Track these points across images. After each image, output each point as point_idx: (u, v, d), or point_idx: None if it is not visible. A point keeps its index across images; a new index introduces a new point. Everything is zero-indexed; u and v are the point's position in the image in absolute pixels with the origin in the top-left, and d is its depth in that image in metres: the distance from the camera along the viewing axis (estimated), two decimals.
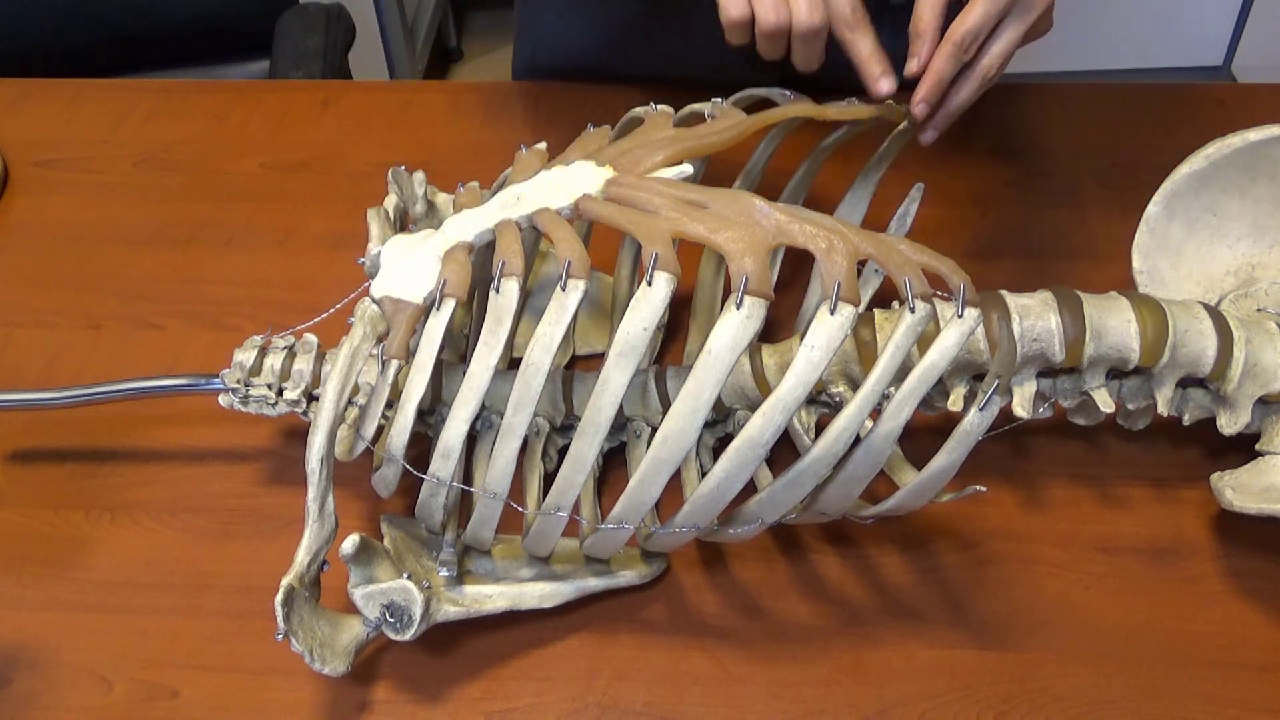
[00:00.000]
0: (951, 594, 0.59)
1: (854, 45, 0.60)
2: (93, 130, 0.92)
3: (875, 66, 0.60)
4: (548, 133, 0.89)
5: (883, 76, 0.60)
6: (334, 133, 0.91)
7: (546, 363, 0.50)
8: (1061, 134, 0.87)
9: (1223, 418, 0.59)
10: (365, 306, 0.54)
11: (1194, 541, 0.61)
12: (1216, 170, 0.63)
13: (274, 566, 0.55)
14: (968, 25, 0.59)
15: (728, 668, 0.57)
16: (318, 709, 0.56)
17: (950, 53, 0.60)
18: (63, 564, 0.62)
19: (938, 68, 0.60)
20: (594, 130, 0.61)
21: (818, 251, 0.49)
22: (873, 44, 0.60)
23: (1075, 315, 0.56)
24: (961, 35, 0.59)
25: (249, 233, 0.82)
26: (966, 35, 0.59)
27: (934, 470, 0.51)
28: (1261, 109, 0.89)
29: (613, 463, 0.65)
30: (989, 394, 0.49)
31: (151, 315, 0.76)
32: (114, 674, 0.57)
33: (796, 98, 0.62)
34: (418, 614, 0.52)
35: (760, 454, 0.49)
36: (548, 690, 0.56)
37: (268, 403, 0.61)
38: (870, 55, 0.60)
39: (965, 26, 0.59)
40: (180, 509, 0.64)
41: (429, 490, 0.54)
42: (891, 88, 0.60)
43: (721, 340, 0.48)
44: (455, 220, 0.56)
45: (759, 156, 0.66)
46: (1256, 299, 0.62)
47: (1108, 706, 0.55)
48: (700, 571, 0.61)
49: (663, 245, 0.49)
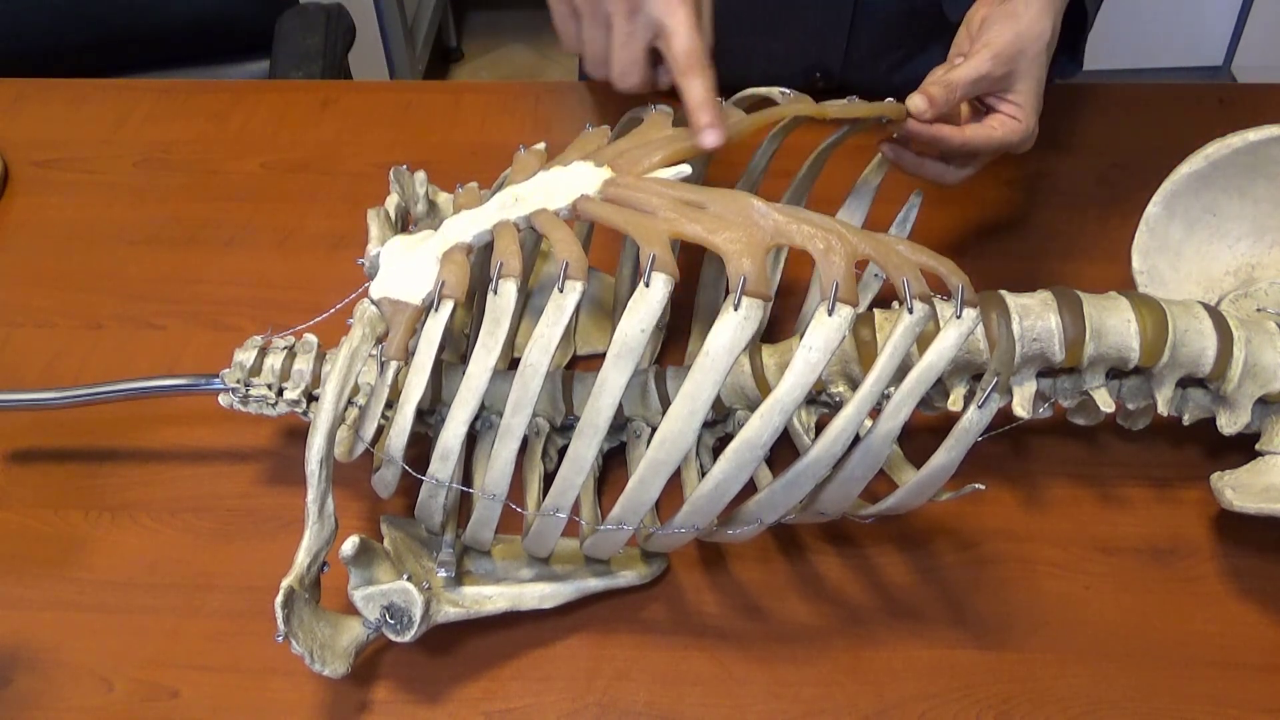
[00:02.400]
0: (951, 594, 0.59)
1: (685, 90, 0.55)
2: (93, 130, 0.92)
3: (703, 115, 0.55)
4: (547, 133, 0.89)
5: (709, 128, 0.55)
6: (334, 133, 0.91)
7: (545, 364, 0.50)
8: (1061, 134, 0.87)
9: (1223, 418, 0.59)
10: (364, 307, 0.54)
11: (1194, 541, 0.61)
12: (1216, 170, 0.63)
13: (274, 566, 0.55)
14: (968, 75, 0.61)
15: (728, 668, 0.57)
16: (318, 709, 0.56)
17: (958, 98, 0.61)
18: (63, 564, 0.62)
19: (950, 97, 0.61)
20: (593, 130, 0.61)
21: (815, 252, 0.49)
22: (704, 90, 0.55)
23: (1075, 315, 0.56)
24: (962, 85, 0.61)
25: (249, 233, 0.82)
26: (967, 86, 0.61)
27: (933, 468, 0.51)
28: (1261, 109, 0.89)
29: (613, 463, 0.65)
30: (988, 391, 0.49)
31: (151, 315, 0.76)
32: (114, 674, 0.57)
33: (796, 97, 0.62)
34: (418, 615, 0.52)
35: (759, 455, 0.49)
36: (548, 690, 0.56)
37: (268, 403, 0.61)
38: (700, 103, 0.55)
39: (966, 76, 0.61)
40: (180, 509, 0.64)
41: (428, 491, 0.54)
42: (717, 141, 0.55)
43: (719, 341, 0.48)
44: (454, 221, 0.56)
45: (760, 157, 0.66)
46: (1256, 299, 0.62)
47: (1108, 706, 0.55)
48: (700, 571, 0.61)
49: (660, 246, 0.49)
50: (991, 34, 0.62)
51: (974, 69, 0.61)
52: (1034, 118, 0.63)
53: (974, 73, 0.61)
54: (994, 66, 0.61)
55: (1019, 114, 0.62)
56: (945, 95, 0.61)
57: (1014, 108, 0.63)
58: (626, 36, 0.56)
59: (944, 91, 0.60)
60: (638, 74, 0.58)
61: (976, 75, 0.61)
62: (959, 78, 0.61)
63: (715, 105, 0.55)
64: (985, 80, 0.62)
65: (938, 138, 0.62)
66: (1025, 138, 0.63)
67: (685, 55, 0.55)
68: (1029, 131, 0.63)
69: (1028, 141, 0.63)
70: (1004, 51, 0.61)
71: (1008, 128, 0.62)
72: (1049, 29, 0.62)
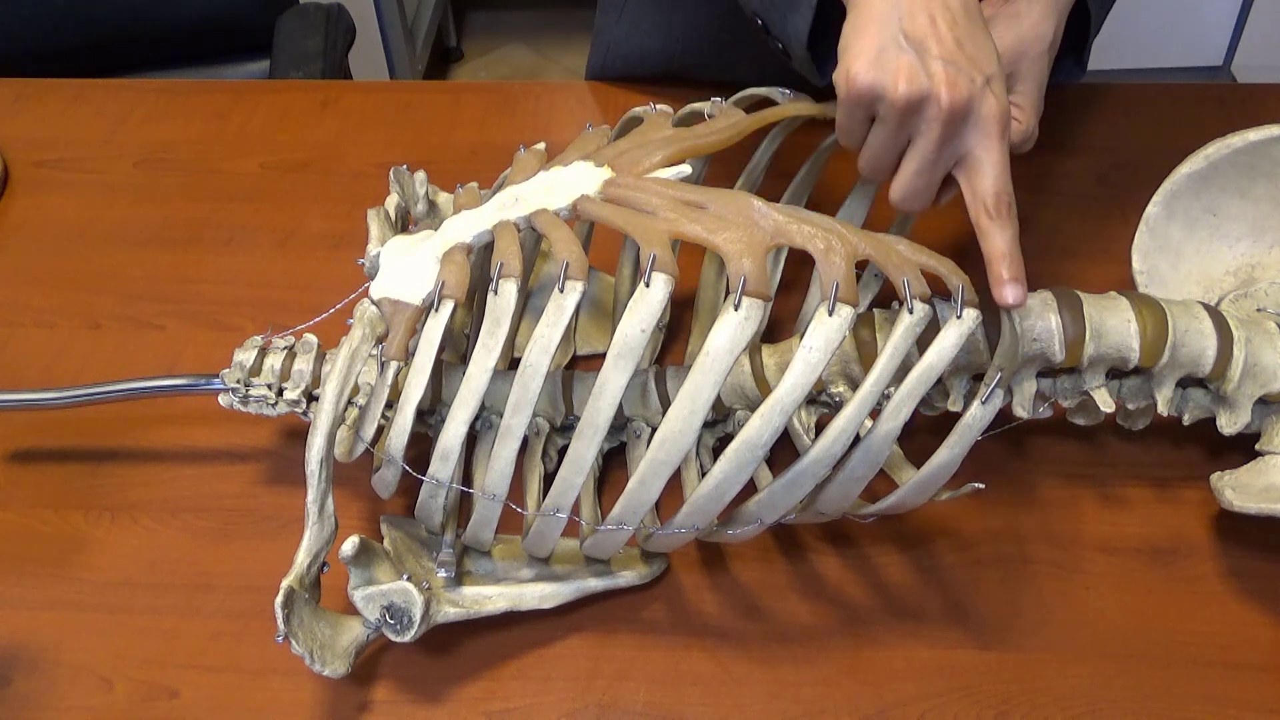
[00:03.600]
0: (951, 594, 0.59)
1: (988, 236, 0.52)
2: (93, 130, 0.92)
3: (1006, 269, 0.51)
4: (547, 133, 0.89)
5: (1011, 283, 0.51)
6: (334, 133, 0.91)
7: (545, 364, 0.50)
8: (1061, 134, 0.87)
9: (1223, 418, 0.59)
10: (364, 308, 0.54)
11: (1194, 541, 0.61)
12: (1216, 170, 0.63)
13: (274, 566, 0.55)
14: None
15: (728, 668, 0.57)
16: (318, 709, 0.56)
17: None
18: (63, 564, 0.62)
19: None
20: (593, 130, 0.61)
21: (815, 252, 0.49)
22: (1009, 242, 0.51)
23: (1075, 315, 0.56)
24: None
25: (249, 233, 0.82)
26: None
27: (935, 466, 0.51)
28: (1261, 109, 0.89)
29: (613, 463, 0.65)
30: (991, 387, 0.49)
31: (151, 315, 0.76)
32: (114, 674, 0.57)
33: (797, 96, 0.62)
34: (418, 615, 0.52)
35: (759, 455, 0.49)
36: (548, 690, 0.56)
37: (268, 403, 0.61)
38: (1003, 255, 0.51)
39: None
40: (180, 509, 0.64)
41: (428, 491, 0.54)
42: (1018, 301, 0.51)
43: (719, 341, 0.48)
44: (454, 221, 0.56)
45: (760, 156, 0.66)
46: (1256, 299, 0.62)
47: (1108, 706, 0.55)
48: (700, 571, 0.61)
49: (660, 246, 0.49)
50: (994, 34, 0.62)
51: None
52: (1035, 118, 0.63)
53: None
54: None
55: (1020, 115, 0.62)
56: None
57: (1015, 109, 0.63)
58: (930, 162, 0.52)
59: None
60: (927, 200, 0.54)
61: None
62: None
63: (1019, 259, 0.52)
64: None
65: None
66: (1026, 138, 0.63)
67: (995, 198, 0.52)
68: (1029, 132, 0.63)
69: (1029, 142, 0.63)
70: (1007, 52, 0.61)
71: None
72: (1051, 31, 0.62)
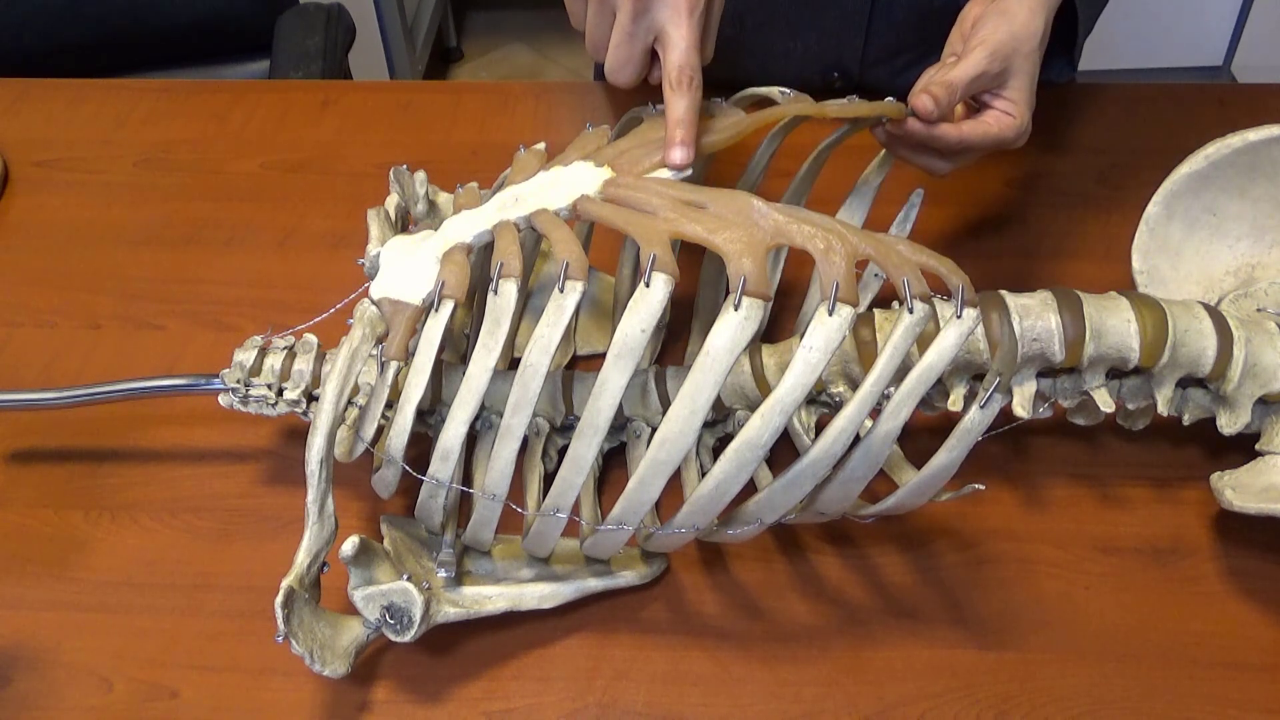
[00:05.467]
0: (951, 594, 0.59)
1: (669, 104, 0.56)
2: (93, 130, 0.92)
3: (677, 132, 0.55)
4: (547, 133, 0.89)
5: (679, 145, 0.55)
6: (334, 133, 0.91)
7: (545, 364, 0.50)
8: (1061, 134, 0.87)
9: (1223, 418, 0.59)
10: (364, 308, 0.54)
11: (1194, 541, 0.61)
12: (1216, 170, 0.63)
13: (274, 566, 0.55)
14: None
15: (728, 668, 0.57)
16: (318, 709, 0.56)
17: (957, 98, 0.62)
18: (63, 564, 0.62)
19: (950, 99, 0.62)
20: (593, 130, 0.61)
21: (815, 252, 0.49)
22: (686, 109, 0.56)
23: (1075, 315, 0.56)
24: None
25: (249, 233, 0.82)
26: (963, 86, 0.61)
27: (935, 468, 0.51)
28: (1261, 109, 0.89)
29: (613, 463, 0.65)
30: (990, 391, 0.49)
31: (151, 315, 0.76)
32: (114, 674, 0.57)
33: (796, 97, 0.62)
34: (418, 615, 0.52)
35: (759, 455, 0.49)
36: (548, 690, 0.56)
37: (268, 403, 0.61)
38: (678, 121, 0.56)
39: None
40: (180, 509, 0.64)
41: (428, 491, 0.54)
42: (683, 159, 0.55)
43: (719, 341, 0.48)
44: (454, 221, 0.56)
45: (760, 156, 0.66)
46: (1256, 299, 0.62)
47: (1108, 706, 0.55)
48: (700, 571, 0.61)
49: (661, 246, 0.49)
50: (985, 31, 0.62)
51: (973, 67, 0.61)
52: (1028, 113, 0.64)
53: (973, 71, 0.61)
54: (990, 64, 0.62)
55: (1013, 110, 0.63)
56: (948, 95, 0.61)
57: (1008, 104, 0.63)
58: (628, 35, 0.57)
59: (946, 92, 0.61)
60: (632, 72, 0.58)
61: (976, 73, 0.62)
62: (960, 77, 0.61)
63: (692, 125, 0.56)
64: (983, 78, 0.62)
65: (936, 136, 0.62)
66: (1020, 133, 0.64)
67: (678, 70, 0.56)
68: (1023, 127, 0.64)
69: (1022, 137, 0.64)
70: (999, 49, 0.62)
71: (1003, 124, 0.63)
72: (1041, 27, 0.63)
